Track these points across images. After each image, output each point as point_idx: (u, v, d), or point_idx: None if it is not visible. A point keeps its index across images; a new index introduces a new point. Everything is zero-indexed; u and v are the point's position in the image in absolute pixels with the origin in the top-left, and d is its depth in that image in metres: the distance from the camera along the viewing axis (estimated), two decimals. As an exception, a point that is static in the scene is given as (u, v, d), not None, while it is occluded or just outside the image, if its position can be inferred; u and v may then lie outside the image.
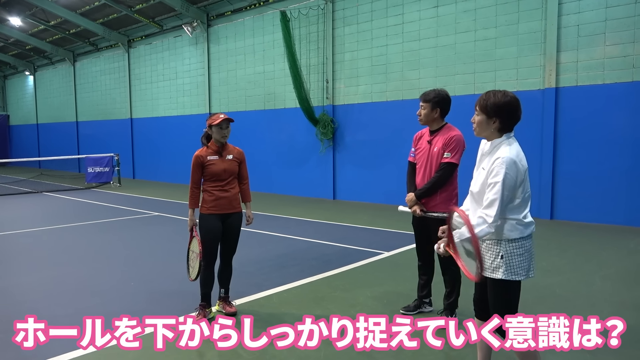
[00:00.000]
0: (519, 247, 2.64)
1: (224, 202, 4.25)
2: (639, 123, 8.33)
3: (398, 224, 8.56)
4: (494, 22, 9.80)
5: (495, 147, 2.66)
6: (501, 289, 2.67)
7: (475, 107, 2.72)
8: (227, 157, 4.29)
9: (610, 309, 4.45)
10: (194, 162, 4.24)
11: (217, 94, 15.87)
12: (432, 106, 4.07)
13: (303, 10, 12.80)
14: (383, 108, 11.69)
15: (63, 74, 23.65)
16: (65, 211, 10.99)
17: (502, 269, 2.63)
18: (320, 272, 5.74)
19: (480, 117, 2.69)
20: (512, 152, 2.57)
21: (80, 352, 3.55)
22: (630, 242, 7.23)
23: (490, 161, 2.62)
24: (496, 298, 2.71)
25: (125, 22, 18.24)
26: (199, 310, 4.28)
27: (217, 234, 4.24)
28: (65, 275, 5.68)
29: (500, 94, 2.65)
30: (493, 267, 2.66)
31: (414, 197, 4.11)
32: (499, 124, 2.64)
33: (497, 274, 2.64)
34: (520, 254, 2.63)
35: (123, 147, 19.63)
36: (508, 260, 2.62)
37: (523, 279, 2.65)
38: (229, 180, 4.29)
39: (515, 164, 2.55)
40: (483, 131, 2.71)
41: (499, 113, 2.62)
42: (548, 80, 9.14)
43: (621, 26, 8.41)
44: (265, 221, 9.24)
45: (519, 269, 2.63)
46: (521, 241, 2.64)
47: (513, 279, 2.63)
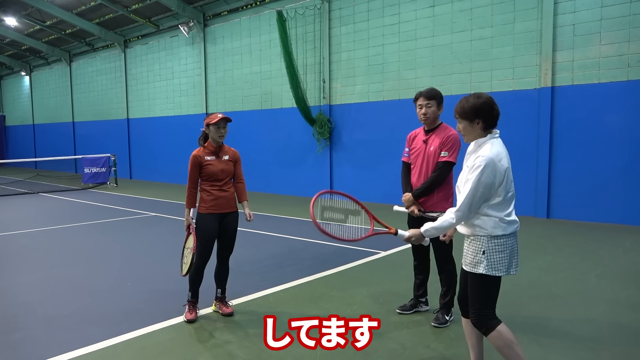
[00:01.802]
0: (501, 244, 2.72)
1: (223, 202, 4.29)
2: (634, 122, 8.37)
3: (394, 223, 8.53)
4: (490, 22, 9.82)
5: (479, 146, 2.77)
6: (481, 283, 2.76)
7: (455, 116, 2.85)
8: (223, 157, 4.33)
9: (605, 307, 4.47)
10: (192, 162, 4.26)
11: (213, 94, 15.85)
12: (438, 103, 4.08)
13: (299, 9, 12.80)
14: (380, 108, 11.70)
15: (59, 74, 23.58)
16: (62, 212, 10.97)
17: (484, 264, 2.72)
18: (317, 271, 5.74)
19: (463, 124, 2.81)
20: (492, 152, 2.67)
21: (77, 353, 3.54)
22: (626, 241, 7.26)
23: (472, 159, 2.75)
24: (476, 292, 2.80)
25: (121, 22, 18.20)
26: (189, 307, 4.30)
27: (214, 233, 4.28)
28: (62, 276, 5.67)
29: (472, 97, 2.78)
30: (475, 262, 2.76)
31: (411, 197, 4.11)
32: (482, 124, 2.75)
33: (479, 268, 2.74)
34: (501, 251, 2.72)
35: (120, 147, 19.59)
36: (489, 256, 2.72)
37: (503, 274, 2.74)
38: (226, 180, 4.34)
39: (494, 163, 2.65)
40: (470, 135, 2.82)
41: (478, 114, 2.74)
42: (544, 80, 9.17)
43: (616, 25, 8.44)
44: (262, 221, 9.23)
45: (500, 265, 2.72)
46: (504, 238, 2.73)
47: (493, 274, 2.72)
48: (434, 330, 3.99)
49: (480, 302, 2.78)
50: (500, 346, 2.74)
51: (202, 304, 4.51)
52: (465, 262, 2.84)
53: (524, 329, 3.93)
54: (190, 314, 4.24)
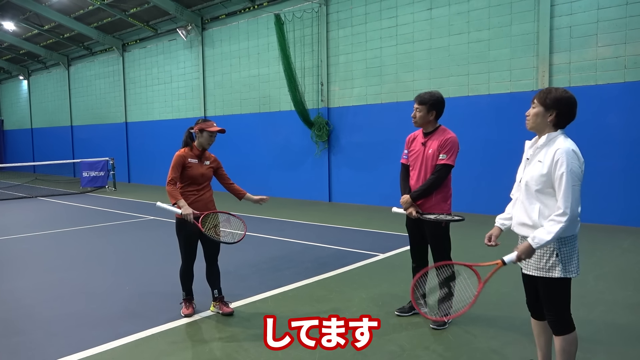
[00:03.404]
0: (571, 245, 2.63)
1: (201, 205, 4.36)
2: (631, 123, 8.40)
3: (393, 225, 8.58)
4: (487, 24, 9.86)
5: (552, 139, 2.65)
6: (559, 287, 2.65)
7: (533, 100, 2.73)
8: (205, 162, 4.46)
9: (603, 308, 4.48)
10: (177, 161, 4.35)
11: (212, 97, 15.87)
12: (428, 109, 4.08)
13: (297, 13, 12.83)
14: (378, 110, 11.73)
15: (57, 78, 23.57)
16: (61, 216, 10.95)
17: (559, 268, 2.61)
18: (316, 274, 5.75)
19: (537, 109, 2.68)
20: (571, 144, 2.57)
21: (75, 357, 3.54)
22: (624, 242, 7.28)
23: (550, 153, 2.60)
24: (555, 296, 2.68)
25: (119, 26, 18.23)
26: (185, 304, 4.43)
27: (195, 235, 4.34)
28: (61, 280, 5.66)
29: (561, 90, 2.66)
30: (548, 266, 2.63)
31: (409, 199, 4.12)
32: (555, 118, 2.64)
33: (554, 272, 2.62)
34: (572, 252, 2.63)
35: (118, 151, 19.58)
36: (563, 258, 2.61)
37: (575, 276, 2.64)
38: (205, 185, 4.46)
39: (575, 154, 2.56)
40: (537, 124, 2.69)
41: (557, 106, 2.63)
42: (541, 82, 9.20)
43: (613, 27, 8.48)
44: (260, 224, 9.23)
45: (572, 266, 2.63)
46: (574, 238, 2.64)
47: (568, 276, 2.62)
48: (432, 332, 4.00)
49: (560, 305, 2.67)
50: (570, 350, 2.67)
51: (199, 307, 4.52)
52: (532, 267, 2.69)
53: (523, 330, 3.93)
54: (187, 309, 4.38)
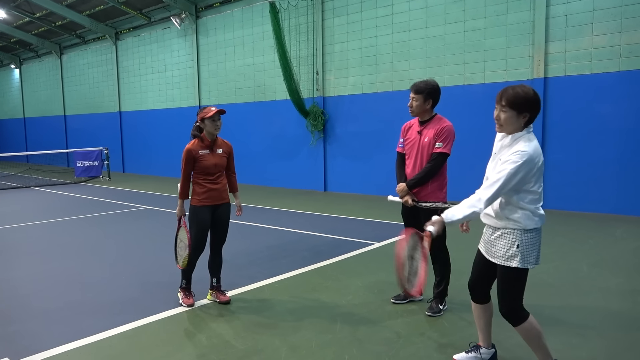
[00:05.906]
0: (533, 237, 2.75)
1: (215, 194, 4.35)
2: (625, 112, 8.43)
3: (389, 214, 8.61)
4: (483, 13, 9.82)
5: (515, 140, 2.71)
6: (514, 276, 2.78)
7: (500, 102, 2.70)
8: (217, 151, 4.39)
9: (596, 296, 4.53)
10: (186, 157, 4.28)
11: (206, 87, 15.77)
12: (424, 98, 4.08)
13: (292, 1, 12.72)
14: (373, 99, 11.70)
15: (50, 67, 23.32)
16: (55, 206, 10.91)
17: (518, 258, 2.73)
18: (312, 263, 5.77)
19: (509, 114, 2.68)
20: (531, 148, 2.63)
21: (73, 345, 3.55)
22: (617, 230, 7.34)
23: (508, 153, 2.69)
24: (508, 285, 2.81)
25: (112, 14, 18.01)
26: (184, 293, 4.43)
27: (207, 225, 4.35)
28: (56, 269, 5.65)
29: (525, 89, 2.66)
30: (508, 255, 2.76)
31: (405, 187, 4.14)
32: (528, 120, 2.69)
33: (513, 262, 2.75)
34: (533, 244, 2.75)
35: (112, 140, 19.47)
36: (523, 249, 2.73)
37: (532, 267, 2.77)
38: (219, 174, 4.40)
39: (532, 160, 2.62)
40: (511, 127, 2.71)
41: (529, 108, 2.65)
42: (537, 71, 9.21)
43: (608, 16, 8.47)
44: (256, 213, 9.24)
45: (531, 258, 2.75)
46: (535, 232, 2.76)
47: (525, 267, 2.75)
48: (428, 319, 4.03)
49: (512, 294, 2.80)
50: (530, 337, 2.78)
51: (196, 295, 4.53)
52: (494, 254, 2.83)
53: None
54: (189, 299, 4.38)
